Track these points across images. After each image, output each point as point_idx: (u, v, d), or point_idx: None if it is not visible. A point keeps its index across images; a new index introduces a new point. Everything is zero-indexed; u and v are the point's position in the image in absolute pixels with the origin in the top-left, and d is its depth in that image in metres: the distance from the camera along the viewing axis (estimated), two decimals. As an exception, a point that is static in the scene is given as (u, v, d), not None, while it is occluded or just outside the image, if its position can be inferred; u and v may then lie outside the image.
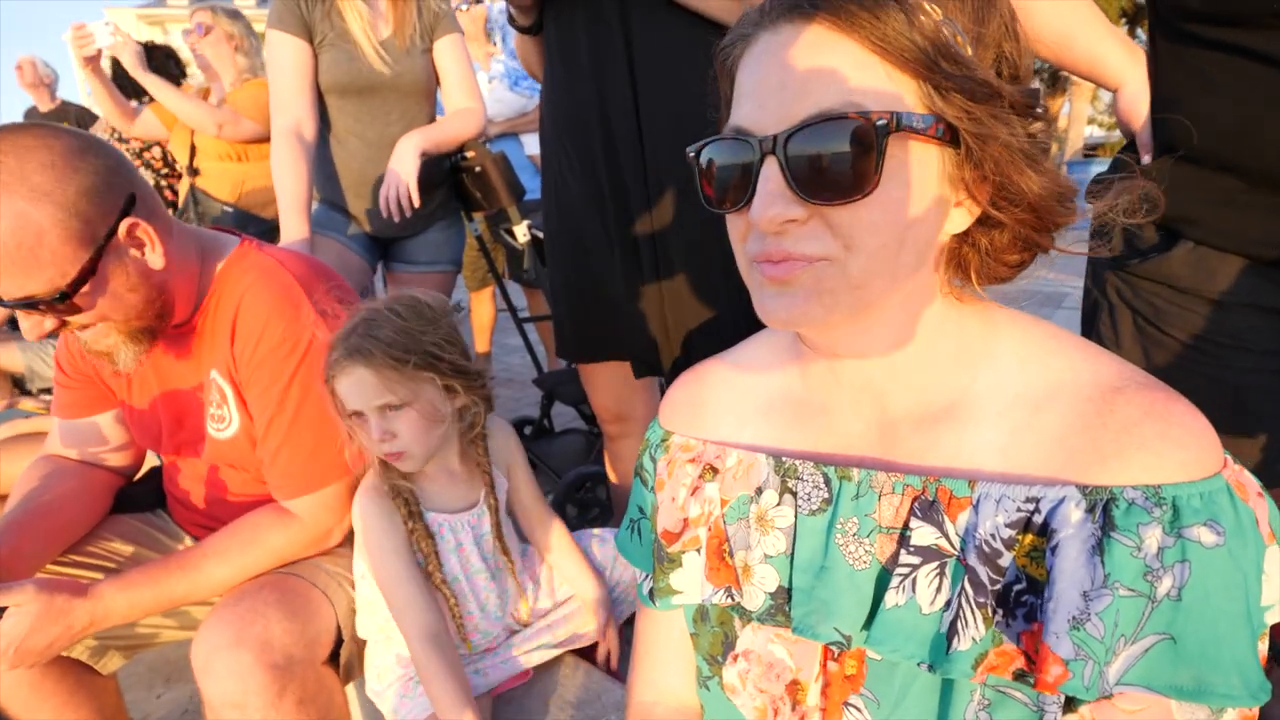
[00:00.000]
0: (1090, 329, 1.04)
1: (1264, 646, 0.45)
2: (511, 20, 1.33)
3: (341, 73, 1.72)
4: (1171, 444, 0.45)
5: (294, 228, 1.63)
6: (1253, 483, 0.47)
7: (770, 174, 0.46)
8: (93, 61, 2.43)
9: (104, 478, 1.24)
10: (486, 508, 1.10)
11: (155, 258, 0.97)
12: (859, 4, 0.43)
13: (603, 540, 1.28)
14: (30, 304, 0.89)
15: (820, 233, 0.46)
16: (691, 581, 0.63)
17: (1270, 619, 0.46)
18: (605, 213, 1.28)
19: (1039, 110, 0.48)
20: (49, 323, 0.94)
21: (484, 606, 1.10)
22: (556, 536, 1.21)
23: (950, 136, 0.46)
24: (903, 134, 0.44)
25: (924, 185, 0.47)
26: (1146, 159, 0.94)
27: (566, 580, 1.21)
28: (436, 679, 0.97)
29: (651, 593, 0.66)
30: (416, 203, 1.69)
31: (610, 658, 1.20)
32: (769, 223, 0.46)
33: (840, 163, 0.44)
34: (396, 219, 1.71)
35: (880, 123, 0.43)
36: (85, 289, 0.91)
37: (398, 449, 0.98)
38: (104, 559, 1.15)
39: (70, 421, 1.21)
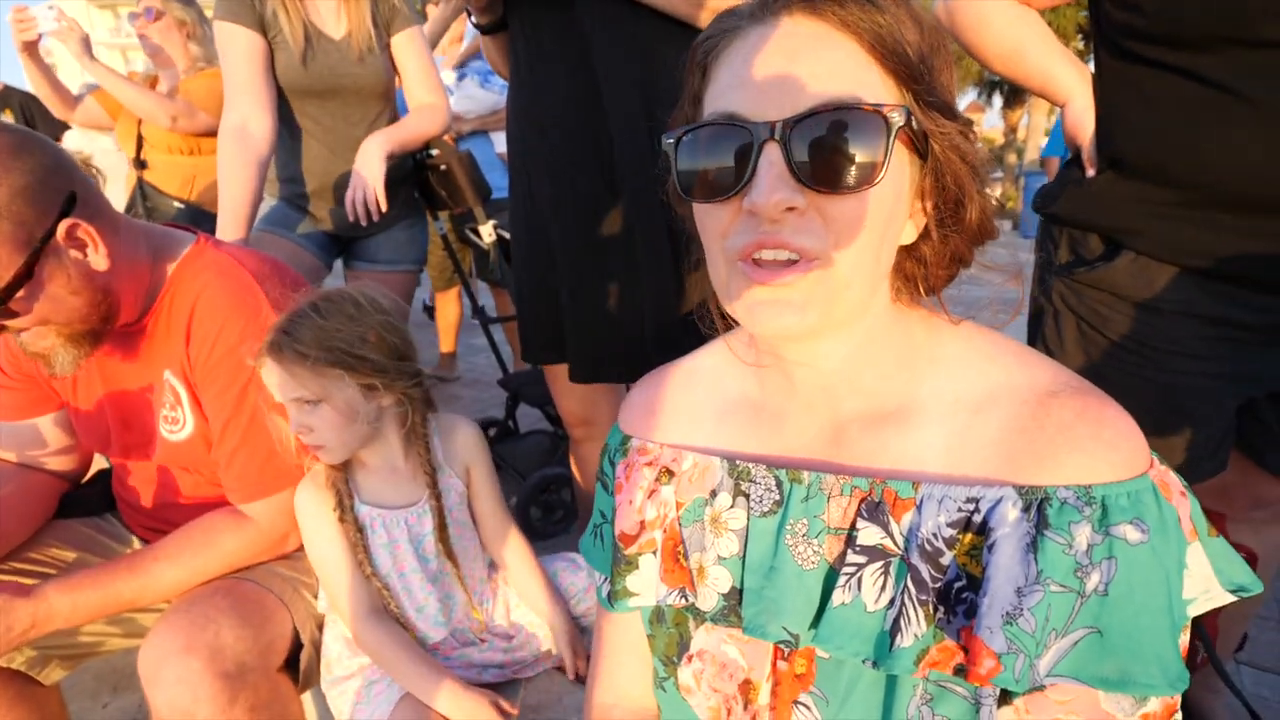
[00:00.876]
0: (1035, 334, 1.08)
1: (1185, 638, 0.48)
2: (471, 18, 1.32)
3: (298, 74, 1.68)
4: (1103, 445, 0.47)
5: (229, 231, 1.58)
6: (1176, 482, 0.49)
7: (775, 159, 0.45)
8: (31, 47, 2.33)
9: (46, 481, 1.19)
10: (428, 508, 1.08)
11: (98, 259, 0.94)
12: (859, 4, 0.45)
13: (575, 566, 1.20)
14: None
15: (815, 226, 0.46)
16: (647, 584, 0.64)
17: (1192, 611, 0.49)
18: (570, 215, 1.28)
19: (973, 134, 0.50)
20: (-15, 326, 0.90)
21: (421, 609, 1.07)
22: (514, 552, 1.15)
23: (924, 146, 0.47)
24: (902, 133, 0.45)
25: (901, 188, 0.48)
26: (1091, 172, 0.98)
27: (525, 601, 1.16)
28: (386, 647, 0.95)
29: (610, 595, 0.67)
30: (384, 207, 1.67)
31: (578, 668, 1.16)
32: (774, 207, 0.45)
33: (849, 151, 0.44)
34: (364, 223, 1.69)
35: (893, 115, 0.44)
36: (21, 294, 0.88)
37: (314, 442, 0.98)
38: (46, 565, 1.11)
39: (9, 424, 1.16)
